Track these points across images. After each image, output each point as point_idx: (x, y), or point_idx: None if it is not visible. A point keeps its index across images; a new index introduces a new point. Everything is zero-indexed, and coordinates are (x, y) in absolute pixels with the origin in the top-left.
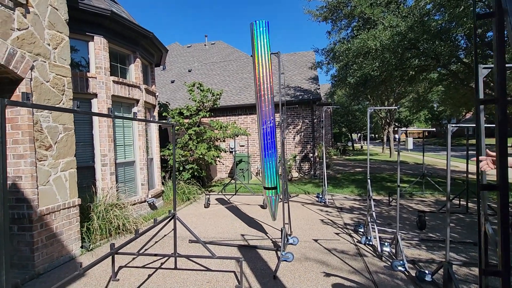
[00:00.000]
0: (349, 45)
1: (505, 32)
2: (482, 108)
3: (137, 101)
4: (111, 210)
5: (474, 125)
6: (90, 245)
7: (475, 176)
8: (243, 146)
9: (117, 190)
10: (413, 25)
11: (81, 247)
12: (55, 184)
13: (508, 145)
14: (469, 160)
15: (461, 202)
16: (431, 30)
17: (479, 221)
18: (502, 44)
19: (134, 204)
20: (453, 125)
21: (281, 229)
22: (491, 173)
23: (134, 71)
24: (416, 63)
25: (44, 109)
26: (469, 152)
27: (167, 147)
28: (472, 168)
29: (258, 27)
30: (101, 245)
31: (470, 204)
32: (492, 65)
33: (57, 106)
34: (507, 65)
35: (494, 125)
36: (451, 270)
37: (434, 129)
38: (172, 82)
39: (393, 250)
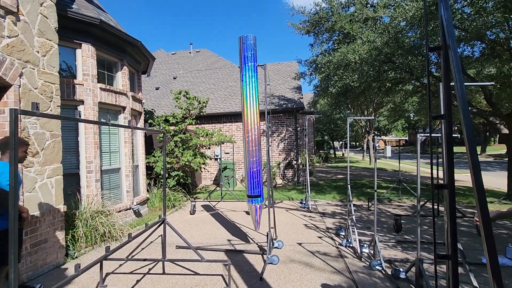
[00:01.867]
0: (331, 57)
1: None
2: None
3: (124, 108)
4: (97, 217)
5: (440, 135)
6: (75, 253)
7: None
8: (228, 153)
9: (102, 197)
10: (388, 41)
11: (66, 255)
12: (41, 191)
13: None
14: (438, 167)
15: (434, 206)
16: (405, 46)
17: (433, 216)
18: (448, 71)
19: (119, 211)
20: (422, 135)
21: (267, 233)
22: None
23: (121, 78)
24: (392, 76)
25: (51, 118)
26: (439, 160)
27: (153, 154)
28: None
29: (246, 41)
30: (86, 252)
31: (441, 208)
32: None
33: (45, 112)
34: (452, 83)
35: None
36: (422, 267)
37: (407, 138)
38: (157, 89)
39: (372, 252)
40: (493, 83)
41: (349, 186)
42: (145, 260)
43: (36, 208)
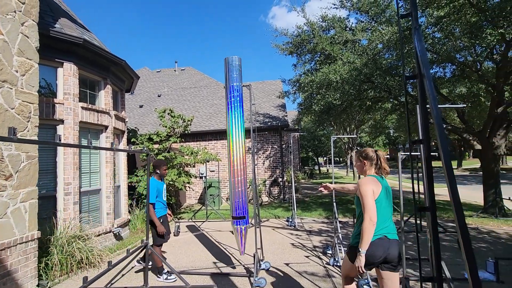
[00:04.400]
0: (313, 77)
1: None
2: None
3: (106, 127)
4: (74, 242)
5: (418, 153)
6: (48, 283)
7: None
8: (213, 171)
9: (80, 221)
10: (367, 62)
11: (38, 285)
12: (13, 217)
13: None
14: (418, 182)
15: (417, 221)
16: (382, 67)
17: (417, 235)
18: (424, 98)
19: (98, 235)
20: (403, 153)
21: (254, 254)
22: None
23: (104, 97)
24: (372, 95)
25: (29, 143)
26: (419, 175)
27: (135, 173)
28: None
29: (232, 62)
30: (61, 281)
31: (424, 223)
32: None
33: (21, 133)
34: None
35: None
36: (408, 285)
37: (389, 155)
38: (141, 106)
39: None
40: (465, 105)
41: (334, 204)
42: None
43: (7, 235)
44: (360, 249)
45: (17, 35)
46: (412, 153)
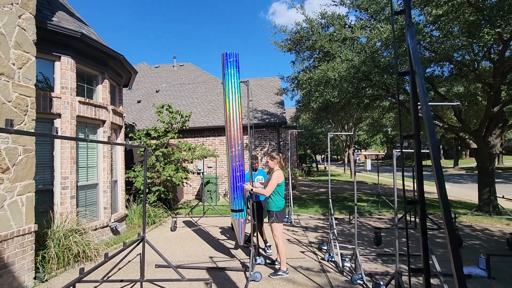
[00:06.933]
0: (312, 74)
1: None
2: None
3: (104, 122)
4: (71, 236)
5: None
6: (44, 276)
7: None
8: (210, 167)
9: (77, 215)
10: (365, 60)
11: (34, 278)
12: (10, 209)
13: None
14: (414, 180)
15: (412, 218)
16: (380, 65)
17: (406, 230)
18: (415, 94)
19: (95, 229)
20: (397, 151)
21: (249, 249)
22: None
23: (102, 91)
24: (370, 93)
25: (26, 135)
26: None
27: (132, 168)
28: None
29: (229, 58)
30: (57, 275)
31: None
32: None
33: (17, 126)
34: (431, 103)
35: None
36: (401, 280)
37: (384, 153)
38: (139, 102)
39: (353, 265)
40: (459, 102)
41: (330, 200)
42: (122, 281)
43: (4, 228)
44: (252, 189)
45: (14, 28)
46: (403, 150)
